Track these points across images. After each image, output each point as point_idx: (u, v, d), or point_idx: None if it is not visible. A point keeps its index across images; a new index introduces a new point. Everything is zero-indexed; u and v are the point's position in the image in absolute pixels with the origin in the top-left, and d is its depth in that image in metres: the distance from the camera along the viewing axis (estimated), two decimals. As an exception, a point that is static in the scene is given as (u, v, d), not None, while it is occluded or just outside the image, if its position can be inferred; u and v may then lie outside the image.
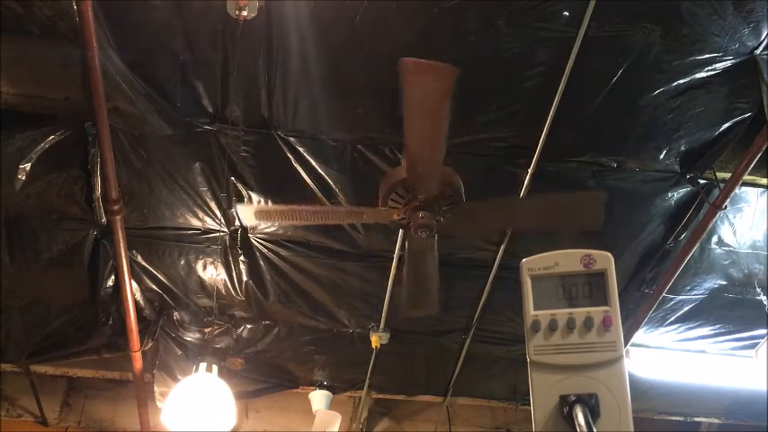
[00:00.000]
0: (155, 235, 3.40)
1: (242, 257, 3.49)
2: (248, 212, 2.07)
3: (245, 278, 3.59)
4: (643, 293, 3.56)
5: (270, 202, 3.22)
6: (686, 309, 3.73)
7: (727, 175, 2.90)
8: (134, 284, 3.54)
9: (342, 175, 3.06)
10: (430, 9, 2.43)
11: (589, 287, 1.06)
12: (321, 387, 4.37)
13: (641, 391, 4.16)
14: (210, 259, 3.51)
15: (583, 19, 2.43)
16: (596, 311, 1.04)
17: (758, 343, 3.90)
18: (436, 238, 2.54)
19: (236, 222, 3.34)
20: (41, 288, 3.64)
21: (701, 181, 3.04)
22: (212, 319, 3.76)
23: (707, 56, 2.57)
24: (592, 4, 2.39)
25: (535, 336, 1.05)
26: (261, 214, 2.48)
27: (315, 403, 4.34)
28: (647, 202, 3.17)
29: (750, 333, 3.86)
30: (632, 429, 0.99)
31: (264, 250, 3.44)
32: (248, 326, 3.92)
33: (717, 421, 4.73)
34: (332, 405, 4.37)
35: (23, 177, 3.01)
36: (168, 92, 2.75)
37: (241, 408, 4.47)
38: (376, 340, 3.90)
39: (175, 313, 3.82)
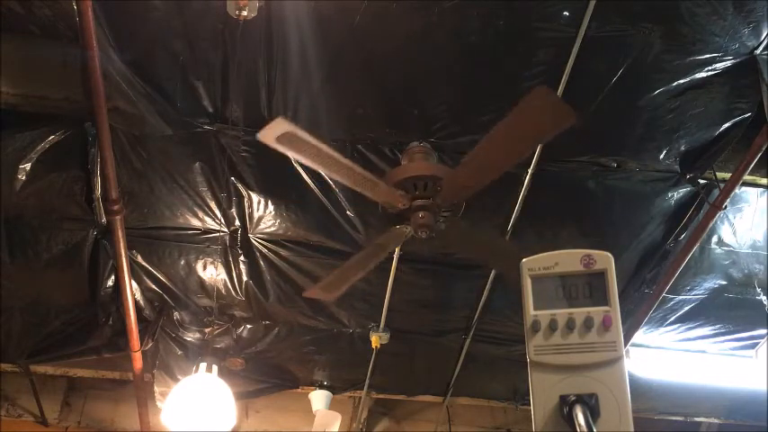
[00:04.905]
0: (155, 235, 3.40)
1: (242, 257, 3.49)
2: (272, 133, 1.82)
3: (245, 278, 3.59)
4: (643, 293, 3.56)
5: (270, 202, 3.22)
6: (686, 309, 3.72)
7: (727, 175, 2.90)
8: (134, 284, 3.53)
9: (342, 175, 3.06)
10: (430, 9, 2.43)
11: (589, 287, 1.05)
12: (321, 387, 4.37)
13: (641, 391, 4.16)
14: (210, 259, 3.51)
15: (583, 19, 2.43)
16: (596, 311, 1.04)
17: (758, 343, 3.90)
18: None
19: (236, 222, 3.34)
20: (41, 288, 3.64)
21: (701, 181, 3.04)
22: (212, 319, 3.76)
23: (707, 56, 2.57)
24: (592, 4, 2.39)
25: (535, 336, 1.04)
26: (285, 138, 2.05)
27: (315, 403, 4.34)
28: (647, 202, 3.17)
29: (750, 333, 3.86)
30: (632, 429, 0.99)
31: (264, 250, 3.44)
32: (248, 326, 3.92)
33: (717, 421, 4.72)
34: (332, 405, 4.37)
35: (23, 177, 3.01)
36: (168, 92, 2.75)
37: (241, 408, 4.47)
38: (376, 340, 3.90)
39: (175, 313, 3.82)
